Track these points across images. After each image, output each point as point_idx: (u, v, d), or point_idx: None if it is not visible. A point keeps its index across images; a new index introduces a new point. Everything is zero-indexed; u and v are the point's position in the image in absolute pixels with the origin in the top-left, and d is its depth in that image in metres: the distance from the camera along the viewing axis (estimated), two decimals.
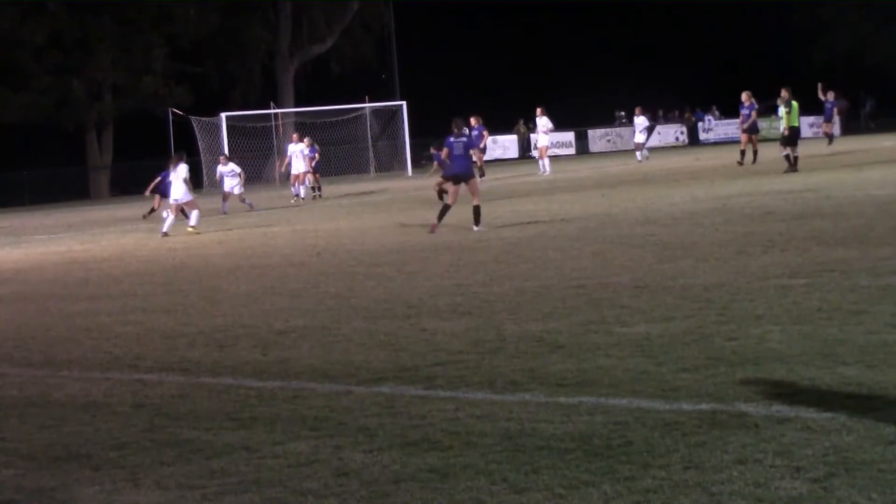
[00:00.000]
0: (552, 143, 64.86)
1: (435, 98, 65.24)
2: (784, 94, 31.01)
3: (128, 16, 59.93)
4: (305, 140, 38.57)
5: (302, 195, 37.38)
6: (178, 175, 27.49)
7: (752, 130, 34.81)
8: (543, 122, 42.59)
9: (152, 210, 33.87)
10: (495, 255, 16.43)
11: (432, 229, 20.68)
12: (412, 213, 26.88)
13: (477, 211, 20.56)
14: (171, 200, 28.04)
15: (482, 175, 38.71)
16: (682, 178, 31.59)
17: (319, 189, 39.04)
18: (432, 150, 30.78)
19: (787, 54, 69.17)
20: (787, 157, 30.05)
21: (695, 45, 73.29)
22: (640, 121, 46.79)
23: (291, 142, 39.52)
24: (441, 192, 24.27)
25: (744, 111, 35.04)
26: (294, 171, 37.89)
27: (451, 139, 21.36)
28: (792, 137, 30.41)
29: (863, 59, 67.66)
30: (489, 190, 34.38)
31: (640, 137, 46.60)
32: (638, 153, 45.89)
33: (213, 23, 61.94)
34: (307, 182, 38.23)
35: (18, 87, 58.38)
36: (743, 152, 34.45)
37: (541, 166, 41.88)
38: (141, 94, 60.65)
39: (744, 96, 35.16)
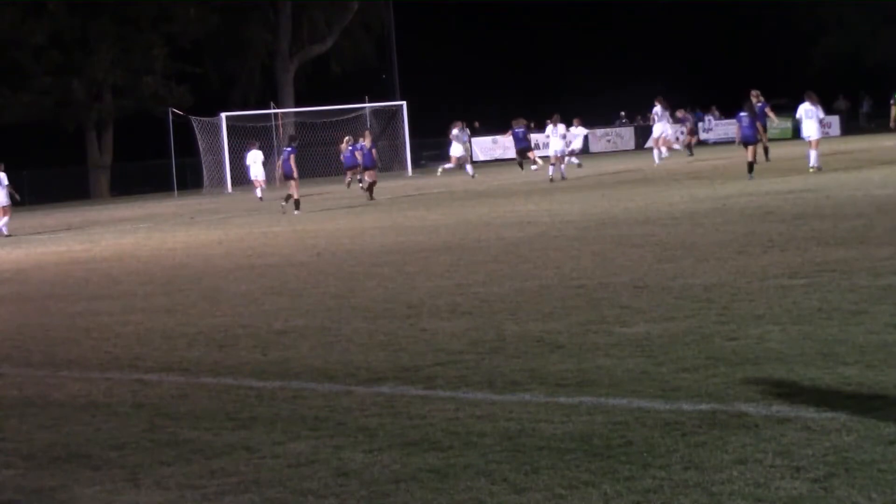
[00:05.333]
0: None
1: (435, 98, 65.28)
2: None
3: (128, 16, 59.95)
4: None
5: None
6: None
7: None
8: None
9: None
10: (495, 255, 16.42)
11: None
12: (413, 214, 26.87)
13: None
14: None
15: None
16: (682, 178, 31.57)
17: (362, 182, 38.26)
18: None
19: (787, 54, 69.18)
20: None
21: (695, 46, 73.27)
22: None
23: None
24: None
25: None
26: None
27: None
28: None
29: (863, 60, 67.63)
30: (485, 190, 34.34)
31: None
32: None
33: (213, 23, 61.97)
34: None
35: (18, 87, 58.40)
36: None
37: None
38: (141, 94, 60.69)
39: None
